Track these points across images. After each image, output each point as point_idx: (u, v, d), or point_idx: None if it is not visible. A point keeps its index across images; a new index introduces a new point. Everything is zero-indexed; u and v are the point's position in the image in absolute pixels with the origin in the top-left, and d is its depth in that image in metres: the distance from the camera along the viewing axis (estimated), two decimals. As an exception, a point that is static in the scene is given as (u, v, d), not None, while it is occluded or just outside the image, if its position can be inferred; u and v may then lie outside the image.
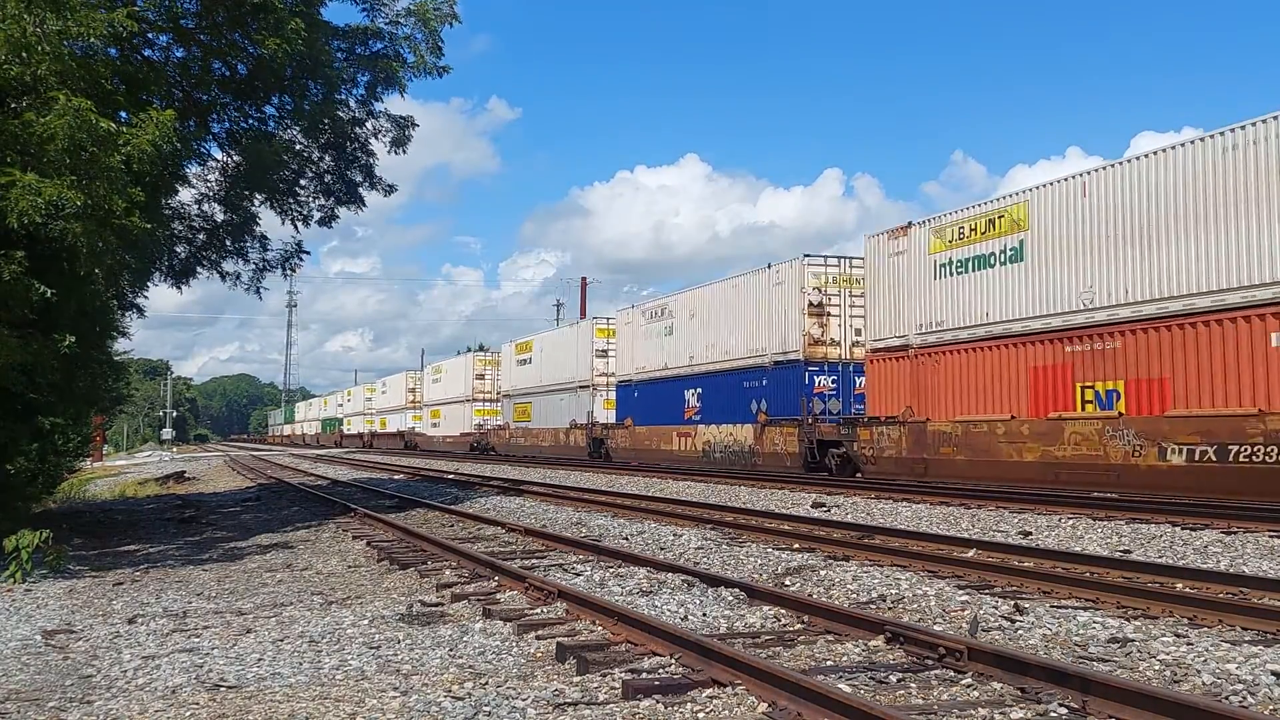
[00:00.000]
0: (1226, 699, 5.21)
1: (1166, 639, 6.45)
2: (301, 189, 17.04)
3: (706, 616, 7.55)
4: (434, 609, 8.38)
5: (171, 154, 11.70)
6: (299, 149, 16.53)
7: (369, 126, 16.85)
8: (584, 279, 66.48)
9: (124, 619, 8.48)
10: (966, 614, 7.36)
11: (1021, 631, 6.82)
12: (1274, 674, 5.52)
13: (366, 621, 7.90)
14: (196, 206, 16.85)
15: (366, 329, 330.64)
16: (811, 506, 16.76)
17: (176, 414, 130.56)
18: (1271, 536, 11.22)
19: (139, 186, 11.14)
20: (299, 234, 17.95)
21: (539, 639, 7.04)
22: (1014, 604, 7.60)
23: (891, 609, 7.87)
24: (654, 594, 8.46)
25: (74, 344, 11.93)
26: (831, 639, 6.70)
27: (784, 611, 7.56)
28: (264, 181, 15.81)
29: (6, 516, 13.60)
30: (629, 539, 12.97)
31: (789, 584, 9.17)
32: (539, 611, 7.96)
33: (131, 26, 11.55)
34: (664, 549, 11.80)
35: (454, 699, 5.48)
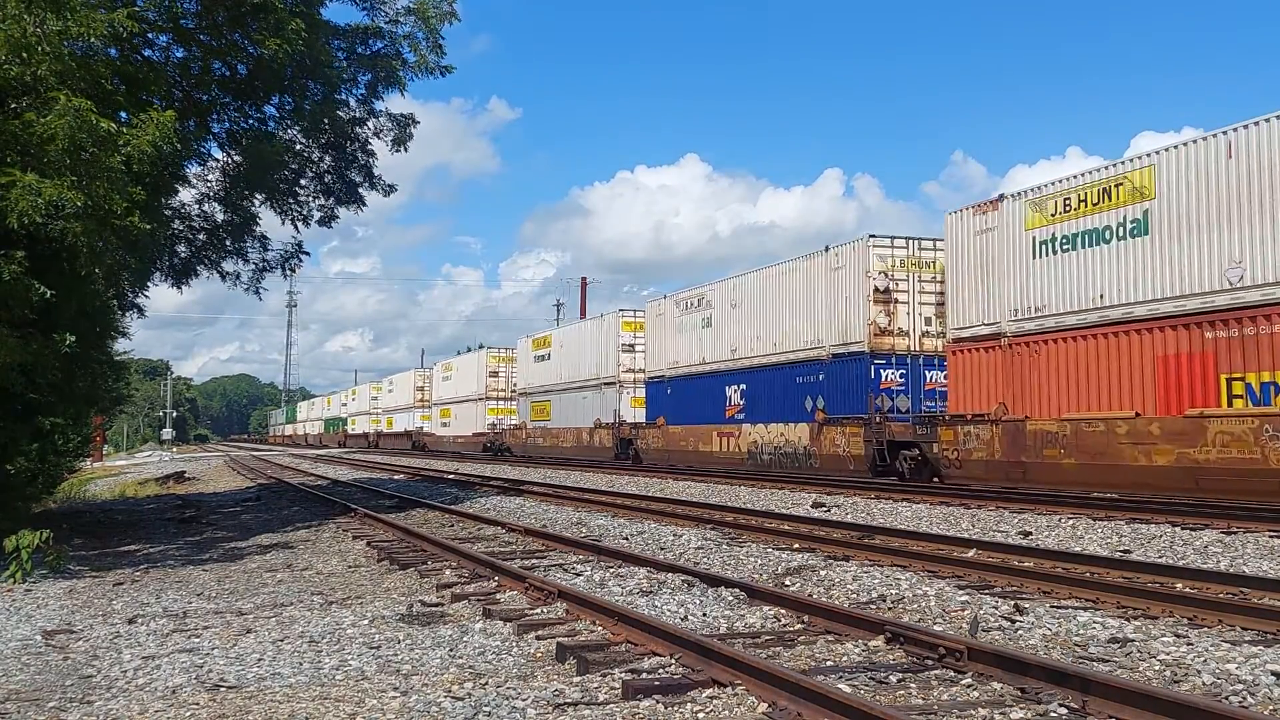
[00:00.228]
0: (1226, 699, 5.21)
1: (1166, 639, 6.45)
2: (301, 189, 17.05)
3: (706, 616, 7.55)
4: (434, 609, 8.38)
5: (171, 154, 11.70)
6: (299, 149, 16.54)
7: (370, 126, 16.86)
8: (584, 279, 66.58)
9: (124, 619, 8.48)
10: (966, 614, 7.36)
11: (1021, 631, 6.82)
12: (1274, 674, 5.52)
13: (366, 621, 7.90)
14: (197, 206, 16.86)
15: (366, 329, 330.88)
16: (811, 506, 16.76)
17: (176, 414, 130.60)
18: (1271, 536, 11.22)
19: (139, 186, 11.14)
20: (299, 234, 17.98)
21: (539, 639, 7.04)
22: (1014, 604, 7.60)
23: (891, 609, 7.87)
24: (654, 594, 8.46)
25: (74, 344, 11.93)
26: (831, 639, 6.70)
27: (784, 611, 7.56)
28: (264, 181, 15.82)
29: (6, 516, 13.60)
30: (629, 539, 12.97)
31: (789, 584, 9.17)
32: (539, 611, 7.96)
33: (131, 26, 11.55)
34: (664, 549, 11.81)
35: (454, 699, 5.49)
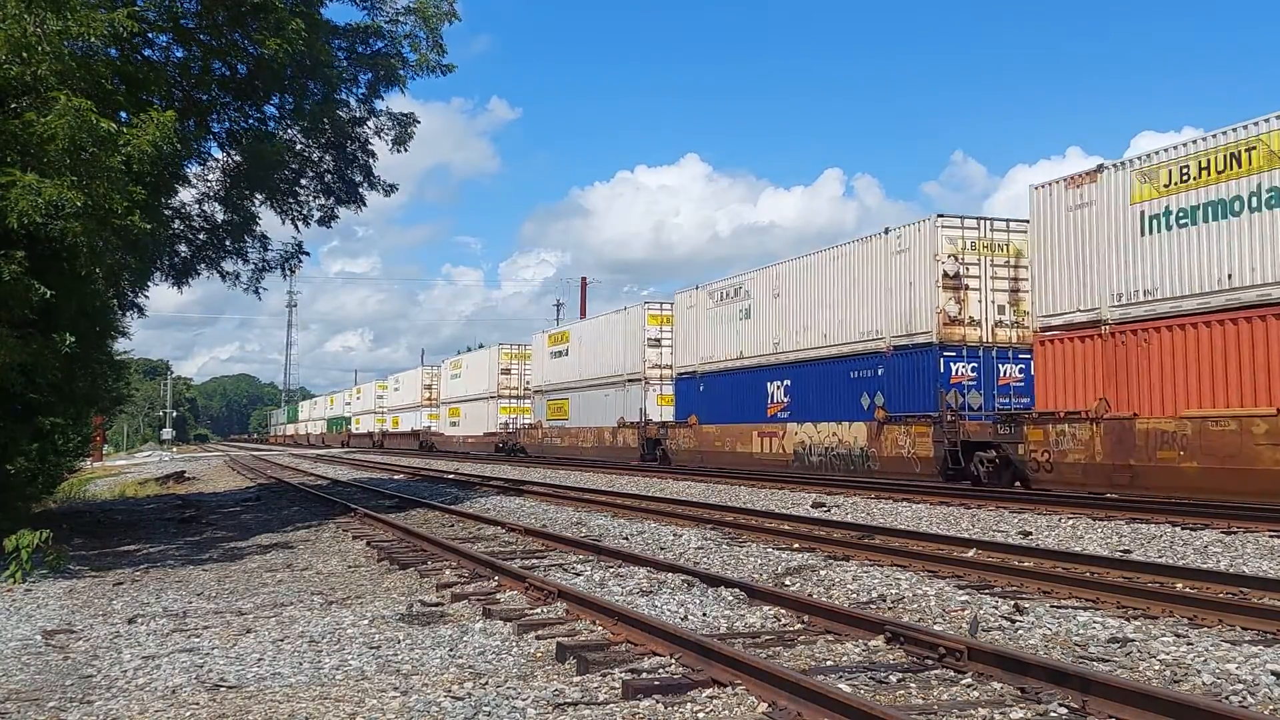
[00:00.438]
0: (1226, 699, 5.21)
1: (1166, 639, 6.45)
2: (301, 189, 17.04)
3: (706, 616, 7.55)
4: (434, 609, 8.38)
5: (171, 154, 11.70)
6: (299, 149, 16.53)
7: (370, 125, 16.87)
8: (584, 279, 66.52)
9: (124, 619, 8.48)
10: (966, 614, 7.36)
11: (1021, 631, 6.82)
12: (1274, 674, 5.52)
13: (366, 621, 7.90)
14: (197, 206, 16.85)
15: (366, 329, 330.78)
16: (811, 506, 16.76)
17: (176, 414, 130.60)
18: (1271, 536, 11.22)
19: (139, 186, 11.14)
20: (299, 234, 17.98)
21: (539, 639, 7.04)
22: (1014, 604, 7.60)
23: (891, 609, 7.87)
24: (654, 594, 8.47)
25: (74, 344, 11.93)
26: (831, 639, 6.70)
27: (784, 611, 7.56)
28: (264, 181, 15.82)
29: (6, 516, 13.60)
30: (629, 539, 12.97)
31: (789, 584, 9.17)
32: (539, 611, 7.97)
33: (132, 26, 11.55)
34: (664, 549, 11.81)
35: (454, 699, 5.49)
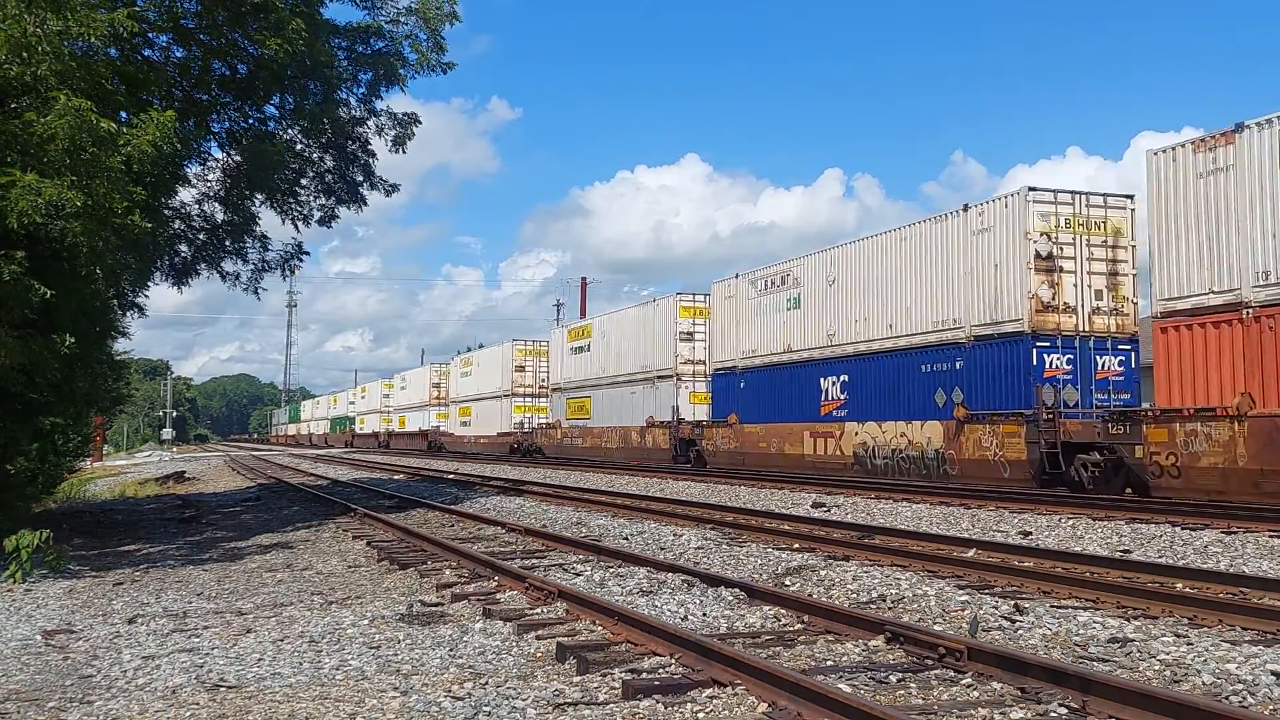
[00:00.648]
0: (1226, 699, 5.21)
1: (1166, 639, 6.45)
2: (302, 189, 17.05)
3: (706, 616, 7.55)
4: (434, 609, 8.38)
5: (171, 154, 11.71)
6: (299, 149, 16.54)
7: (370, 125, 16.87)
8: (584, 279, 66.41)
9: (124, 619, 8.48)
10: (966, 614, 7.36)
11: (1021, 631, 6.82)
12: (1274, 674, 5.52)
13: (366, 621, 7.90)
14: (197, 206, 16.87)
15: (366, 329, 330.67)
16: (811, 506, 16.76)
17: (176, 414, 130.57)
18: (1271, 536, 11.22)
19: (139, 186, 11.14)
20: (299, 234, 17.99)
21: (539, 639, 7.04)
22: (1014, 604, 7.60)
23: (891, 609, 7.87)
24: (654, 594, 8.47)
25: (74, 344, 11.93)
26: (831, 639, 6.71)
27: (784, 611, 7.56)
28: (264, 181, 15.82)
29: (6, 516, 13.60)
30: (629, 539, 12.98)
31: (789, 584, 9.17)
32: (539, 611, 7.97)
33: (131, 26, 11.55)
34: (664, 549, 11.81)
35: (454, 699, 5.49)
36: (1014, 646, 6.34)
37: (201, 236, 17.13)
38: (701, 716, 5.13)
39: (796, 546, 11.55)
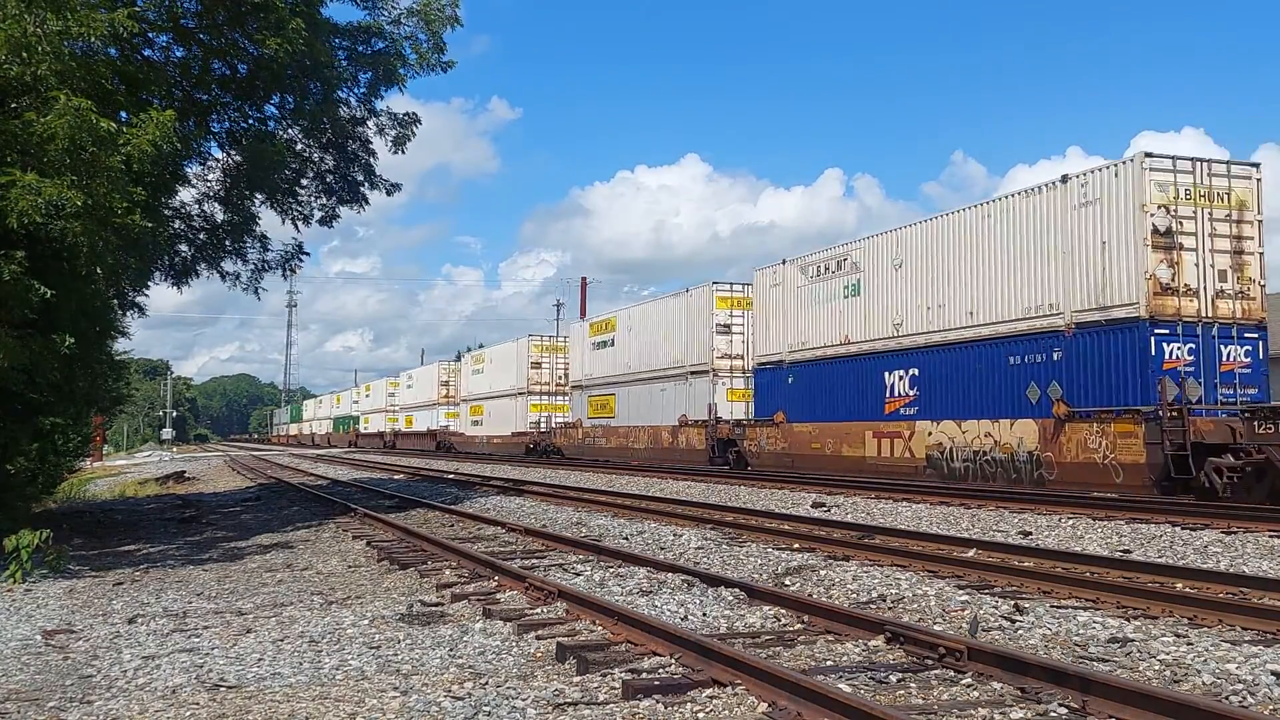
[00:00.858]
0: (1226, 699, 5.21)
1: (1166, 639, 6.45)
2: (302, 189, 17.05)
3: (706, 616, 7.55)
4: (434, 609, 8.38)
5: (171, 154, 11.71)
6: (299, 149, 16.55)
7: (371, 125, 16.87)
8: (584, 279, 66.44)
9: (124, 619, 8.48)
10: (966, 614, 7.36)
11: (1021, 631, 6.82)
12: (1274, 674, 5.52)
13: (366, 621, 7.90)
14: (197, 206, 16.87)
15: (366, 329, 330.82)
16: (811, 506, 16.77)
17: (176, 414, 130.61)
18: (1271, 536, 11.23)
19: (139, 186, 11.15)
20: (299, 234, 17.99)
21: (539, 639, 7.04)
22: (1014, 604, 7.60)
23: (891, 609, 7.87)
24: (654, 594, 8.47)
25: (74, 344, 11.93)
26: (831, 639, 6.71)
27: (784, 611, 7.56)
28: (264, 181, 15.82)
29: (6, 516, 13.61)
30: (629, 539, 12.98)
31: (789, 584, 9.17)
32: (539, 611, 7.97)
33: (131, 26, 11.56)
34: (664, 549, 11.81)
35: (454, 699, 5.49)
36: (1014, 646, 6.34)
37: (201, 236, 17.13)
38: (701, 716, 5.13)
39: (796, 546, 11.55)
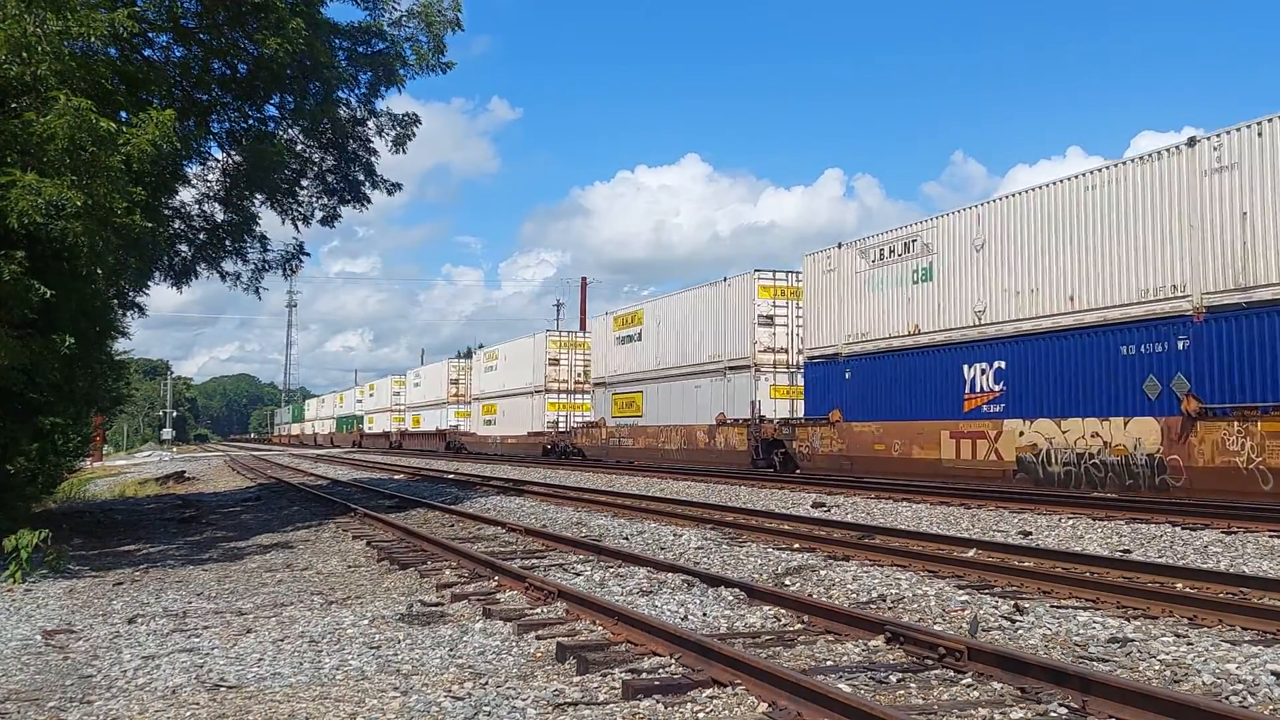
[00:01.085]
0: (1226, 699, 5.21)
1: (1166, 639, 6.45)
2: (302, 189, 17.06)
3: (707, 616, 7.55)
4: (434, 609, 8.38)
5: (171, 153, 11.71)
6: (300, 149, 16.55)
7: (371, 125, 16.88)
8: (584, 279, 66.37)
9: (124, 619, 8.48)
10: (966, 614, 7.36)
11: (1021, 631, 6.82)
12: (1274, 674, 5.52)
13: (367, 621, 7.90)
14: (197, 206, 16.88)
15: (366, 329, 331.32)
16: (811, 506, 16.77)
17: (176, 414, 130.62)
18: (1271, 536, 11.22)
19: (139, 186, 11.15)
20: (299, 234, 18.00)
21: (539, 639, 7.04)
22: (1014, 604, 7.60)
23: (891, 609, 7.87)
24: (654, 594, 8.47)
25: (74, 344, 11.94)
26: (831, 639, 6.70)
27: (784, 611, 7.56)
28: (264, 181, 15.83)
29: (6, 516, 13.61)
30: (629, 539, 12.97)
31: (789, 584, 9.17)
32: (539, 611, 7.97)
33: (131, 26, 11.57)
34: (664, 549, 11.81)
35: (454, 699, 5.49)
36: (1014, 646, 6.34)
37: (201, 236, 17.14)
38: (701, 716, 5.13)
39: (796, 546, 11.55)
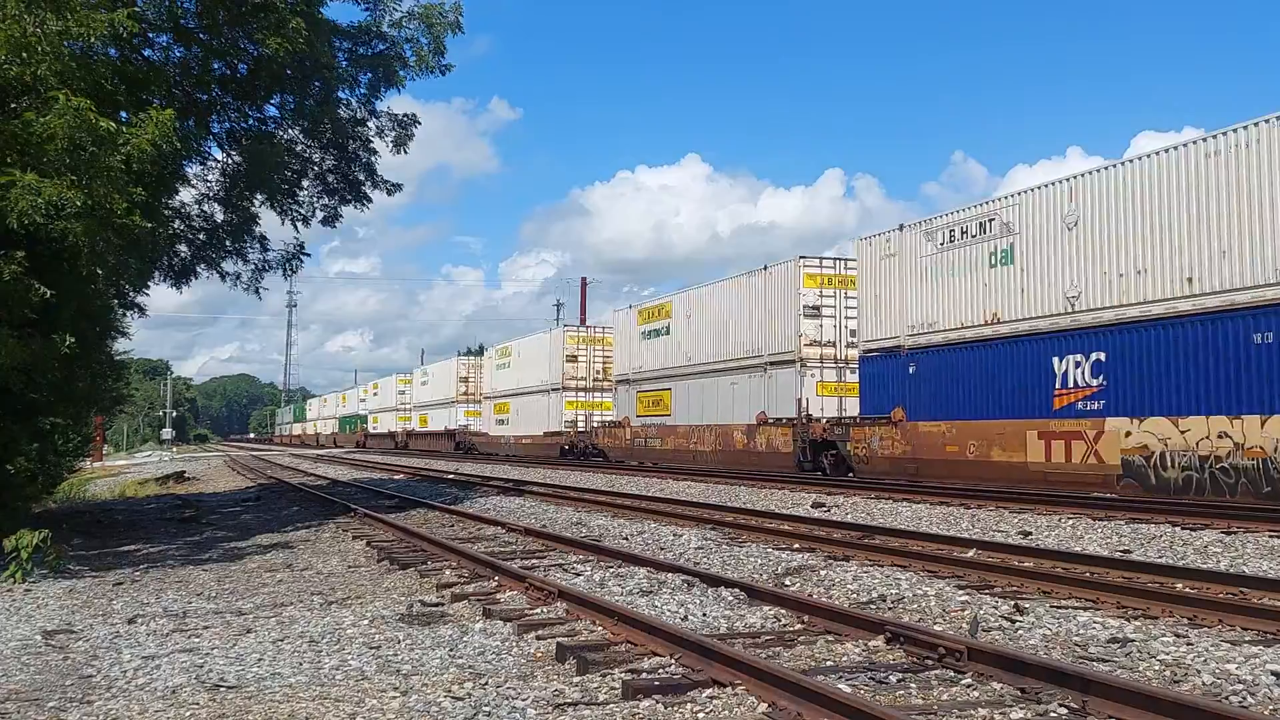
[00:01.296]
0: (1226, 699, 5.21)
1: (1166, 639, 6.45)
2: (302, 189, 17.05)
3: (707, 616, 7.55)
4: (434, 609, 8.38)
5: (171, 153, 11.71)
6: (300, 149, 16.55)
7: (371, 125, 16.88)
8: (584, 279, 66.31)
9: (124, 619, 8.48)
10: (966, 614, 7.36)
11: (1021, 631, 6.82)
12: (1274, 674, 5.52)
13: (366, 621, 7.90)
14: (197, 206, 16.88)
15: (366, 329, 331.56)
16: (811, 506, 16.76)
17: (176, 414, 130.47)
18: (1271, 536, 11.22)
19: (139, 186, 11.15)
20: (299, 234, 17.98)
21: (539, 639, 7.04)
22: (1014, 604, 7.60)
23: (891, 609, 7.87)
24: (654, 594, 8.46)
25: (74, 344, 11.93)
26: (831, 639, 6.70)
27: (784, 611, 7.56)
28: (264, 181, 15.82)
29: (6, 516, 13.60)
30: (629, 539, 12.97)
31: (789, 584, 9.17)
32: (539, 611, 7.96)
33: (131, 26, 11.55)
34: (664, 549, 11.80)
35: (454, 699, 5.49)
36: (1014, 647, 6.34)
37: (201, 236, 17.14)
38: (701, 716, 5.12)
39: (796, 546, 11.55)
